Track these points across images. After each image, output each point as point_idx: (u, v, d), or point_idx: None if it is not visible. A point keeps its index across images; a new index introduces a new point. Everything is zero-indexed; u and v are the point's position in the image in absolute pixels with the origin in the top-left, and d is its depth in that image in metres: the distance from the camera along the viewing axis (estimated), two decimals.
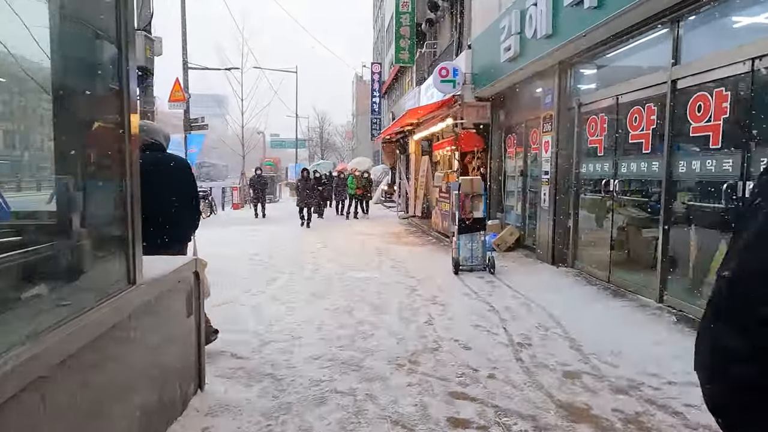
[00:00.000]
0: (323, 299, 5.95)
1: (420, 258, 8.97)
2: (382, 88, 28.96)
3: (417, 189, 16.26)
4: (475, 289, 6.44)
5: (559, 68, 7.49)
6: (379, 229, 13.63)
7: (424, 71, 18.19)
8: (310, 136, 66.46)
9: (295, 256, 9.15)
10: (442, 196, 11.51)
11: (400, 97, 23.93)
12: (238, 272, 7.65)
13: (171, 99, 14.85)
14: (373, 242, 11.00)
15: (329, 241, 11.15)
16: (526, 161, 9.27)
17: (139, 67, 9.97)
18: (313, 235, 12.38)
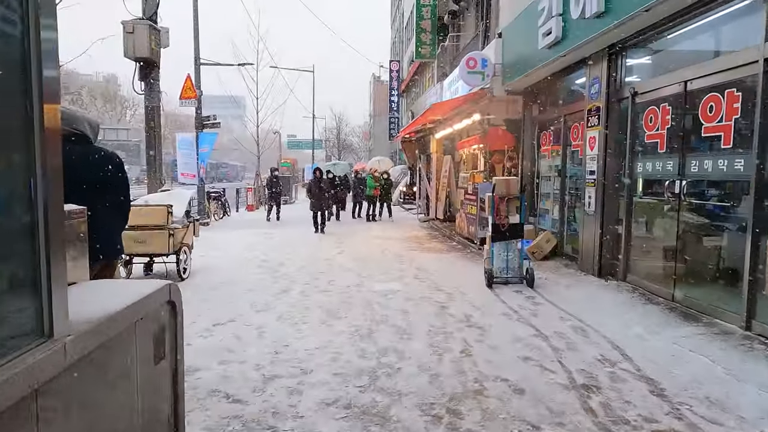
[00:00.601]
0: (339, 318, 5.13)
1: (446, 267, 8.10)
2: (400, 86, 28.12)
3: (438, 190, 15.38)
4: (514, 306, 5.56)
5: (609, 53, 6.57)
6: (399, 233, 12.79)
7: (446, 67, 17.32)
8: (327, 137, 66.00)
9: (308, 263, 8.37)
10: (468, 198, 10.62)
11: (420, 95, 23.08)
12: (245, 282, 6.90)
13: (182, 96, 14.24)
14: (394, 248, 10.16)
15: (346, 247, 10.35)
16: (565, 160, 8.34)
17: (142, 59, 9.32)
18: (328, 239, 11.60)
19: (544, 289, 6.33)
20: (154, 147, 9.58)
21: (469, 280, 7.01)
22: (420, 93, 23.14)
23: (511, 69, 9.25)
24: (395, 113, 28.34)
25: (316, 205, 12.81)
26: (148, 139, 9.65)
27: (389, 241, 11.15)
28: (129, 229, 6.60)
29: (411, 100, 26.16)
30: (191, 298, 6.00)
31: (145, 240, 6.62)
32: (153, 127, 9.59)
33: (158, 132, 9.70)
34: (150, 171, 9.65)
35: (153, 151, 9.58)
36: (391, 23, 64.11)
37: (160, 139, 9.76)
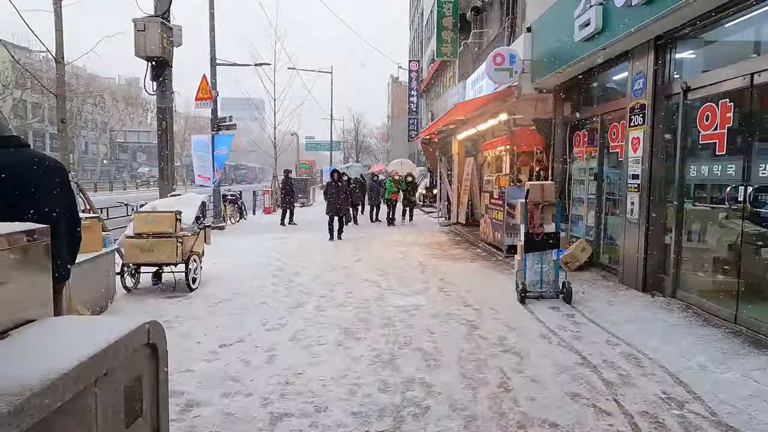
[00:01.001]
0: (358, 340, 4.63)
1: (472, 277, 7.54)
2: (420, 87, 27.58)
3: (460, 194, 14.80)
4: (552, 326, 4.99)
5: (656, 45, 5.94)
6: (420, 239, 12.25)
7: (468, 65, 16.73)
8: (346, 138, 65.80)
9: (325, 272, 7.89)
10: (494, 202, 10.03)
11: (440, 96, 22.50)
12: (258, 294, 6.45)
13: (198, 98, 13.94)
14: (415, 255, 9.63)
15: (365, 253, 9.85)
16: (602, 162, 7.70)
17: (154, 58, 8.98)
18: (346, 245, 11.12)
19: (583, 306, 5.73)
20: (166, 149, 9.23)
21: (498, 293, 6.44)
22: (440, 93, 22.57)
23: (541, 65, 8.65)
24: (414, 114, 27.79)
25: (332, 209, 12.06)
26: (159, 140, 9.29)
27: (410, 248, 10.62)
28: (135, 237, 6.23)
29: (431, 100, 25.60)
30: (199, 313, 5.56)
31: (152, 248, 6.22)
32: (165, 129, 9.23)
33: (170, 134, 9.35)
34: (162, 174, 9.30)
35: (165, 153, 9.23)
36: (409, 24, 63.62)
37: (172, 141, 9.40)
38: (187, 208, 6.88)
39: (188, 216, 6.78)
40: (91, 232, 5.31)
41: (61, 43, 6.14)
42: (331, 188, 11.91)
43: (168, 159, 9.28)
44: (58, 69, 6.27)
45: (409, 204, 15.83)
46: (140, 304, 5.89)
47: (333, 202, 11.85)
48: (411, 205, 15.95)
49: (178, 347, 4.42)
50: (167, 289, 6.66)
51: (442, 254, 9.80)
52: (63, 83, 6.35)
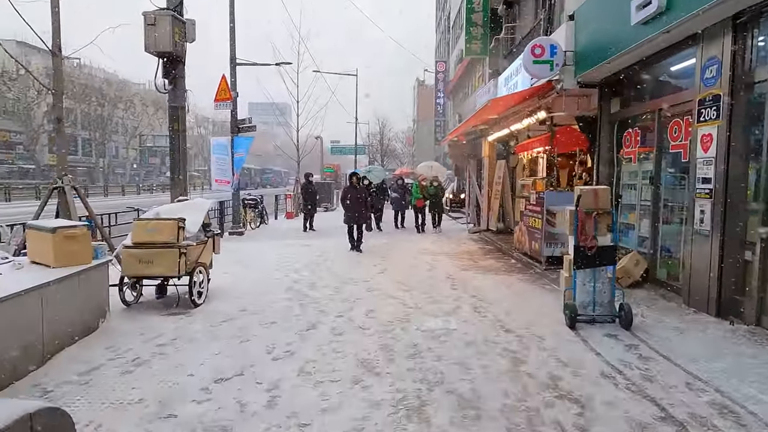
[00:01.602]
0: (379, 376, 3.86)
1: (509, 294, 6.69)
2: (447, 88, 26.72)
3: (491, 199, 13.90)
4: (614, 362, 4.11)
5: (735, 24, 5.01)
6: (448, 247, 11.41)
7: (498, 63, 15.84)
8: (371, 142, 65.18)
9: (344, 286, 7.16)
10: (531, 209, 9.13)
11: (468, 96, 21.63)
12: (268, 311, 5.75)
13: (217, 98, 13.47)
14: (444, 266, 8.81)
15: (388, 264, 9.08)
16: (659, 164, 6.76)
17: (165, 54, 8.45)
18: (368, 254, 10.37)
19: (646, 334, 4.83)
20: (178, 150, 8.68)
21: (541, 315, 5.58)
22: (468, 94, 21.69)
23: (585, 56, 7.74)
24: (441, 116, 26.94)
25: (351, 217, 10.83)
26: (171, 142, 8.74)
27: (437, 258, 9.80)
28: (133, 247, 5.61)
29: (458, 102, 24.74)
30: (199, 334, 4.89)
31: (152, 260, 5.59)
32: (177, 129, 8.68)
33: (183, 135, 8.79)
34: (173, 176, 8.75)
35: (177, 155, 8.68)
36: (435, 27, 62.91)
37: (184, 143, 8.84)
38: (193, 214, 6.25)
39: (194, 223, 6.14)
40: (78, 243, 4.70)
41: (58, 33, 5.60)
42: (350, 194, 10.92)
43: (180, 161, 8.72)
44: (55, 62, 5.75)
45: (436, 211, 14.76)
46: (135, 323, 5.25)
47: (352, 209, 10.80)
48: (439, 212, 14.93)
49: (167, 381, 3.74)
50: (170, 304, 6.03)
51: (473, 266, 8.94)
52: (60, 78, 5.81)
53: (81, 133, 52.74)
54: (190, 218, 6.12)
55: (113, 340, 4.65)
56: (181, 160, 8.74)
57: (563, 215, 8.15)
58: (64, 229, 4.63)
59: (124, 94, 55.56)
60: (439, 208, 14.89)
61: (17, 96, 42.57)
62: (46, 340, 4.07)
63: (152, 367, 4.05)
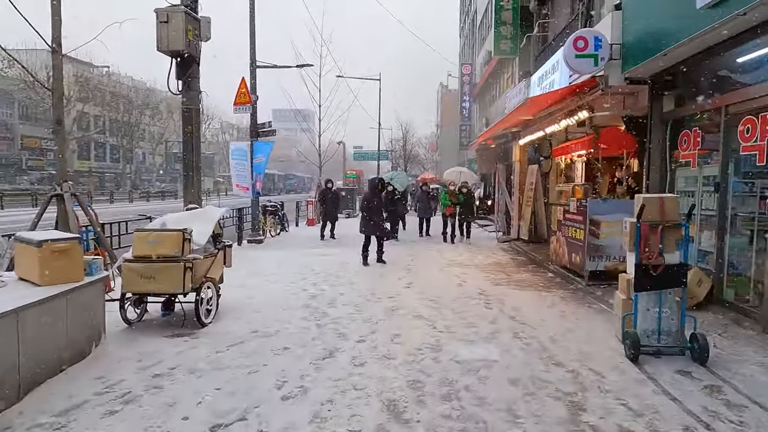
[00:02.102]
0: (408, 425, 3.18)
1: (552, 315, 5.93)
2: (473, 91, 25.95)
3: (522, 206, 13.10)
4: (697, 411, 3.35)
5: None
6: (478, 258, 10.65)
7: (529, 63, 15.05)
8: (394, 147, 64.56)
9: (366, 303, 6.51)
10: (571, 218, 8.34)
11: (496, 100, 20.84)
12: (281, 334, 5.14)
13: (236, 102, 13.05)
14: (475, 280, 8.08)
15: (414, 277, 8.40)
16: (726, 168, 5.92)
17: (176, 53, 7.99)
18: (392, 266, 9.71)
19: (727, 371, 4.03)
20: (191, 153, 8.21)
21: (593, 342, 4.82)
22: (496, 97, 20.89)
23: (636, 49, 6.96)
24: (467, 121, 26.16)
25: (368, 226, 9.73)
26: (184, 146, 8.29)
27: (467, 270, 9.07)
28: (134, 261, 5.08)
29: (485, 105, 23.94)
30: (202, 363, 4.30)
31: (154, 275, 5.05)
32: (191, 132, 8.22)
33: (197, 138, 8.32)
34: (186, 182, 8.28)
35: (190, 158, 8.21)
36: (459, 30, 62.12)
37: (198, 147, 8.37)
38: (202, 224, 5.70)
39: (202, 233, 5.58)
40: (68, 258, 4.17)
41: (59, 28, 5.15)
42: (371, 201, 9.84)
43: (193, 166, 8.25)
44: (54, 59, 5.29)
45: (466, 219, 13.59)
46: (133, 347, 4.70)
47: (371, 218, 9.76)
48: (468, 221, 13.75)
49: (155, 427, 3.14)
50: (176, 323, 5.48)
51: (507, 280, 8.19)
52: (60, 77, 5.35)
53: (109, 139, 53.67)
54: (198, 228, 5.57)
55: (105, 369, 4.10)
56: (195, 164, 8.27)
57: (609, 226, 7.36)
58: (52, 242, 4.10)
59: (150, 101, 56.37)
60: (469, 217, 13.84)
61: (48, 103, 43.48)
62: (23, 373, 3.52)
63: (142, 405, 3.46)
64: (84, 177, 48.65)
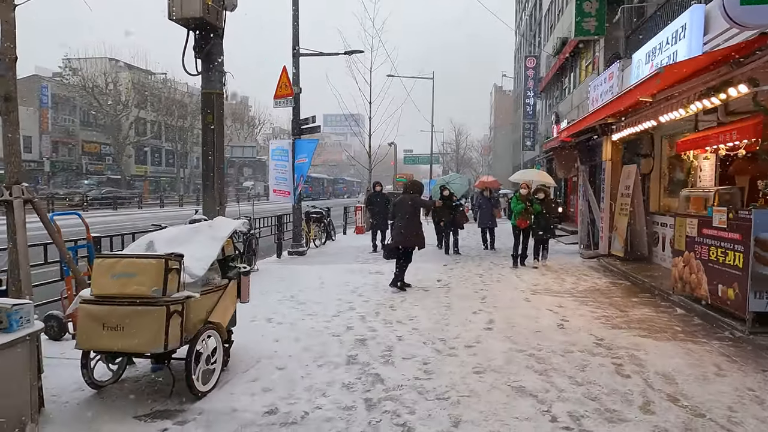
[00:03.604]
0: None
1: (732, 393, 3.76)
2: (539, 85, 23.46)
3: (615, 214, 10.74)
4: None
5: None
6: (567, 282, 8.45)
7: (619, 45, 12.65)
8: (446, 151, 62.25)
9: (436, 356, 4.57)
10: (715, 234, 6.04)
11: (570, 92, 18.36)
12: (308, 422, 3.28)
13: (277, 95, 11.51)
14: (579, 319, 5.95)
15: (494, 311, 6.36)
16: None
17: (193, 22, 6.40)
18: (461, 291, 7.72)
19: None
20: (212, 151, 6.60)
21: None
22: (570, 89, 18.42)
23: None
24: (530, 118, 23.71)
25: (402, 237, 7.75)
26: (204, 138, 6.69)
27: (562, 301, 6.93)
28: (94, 303, 3.39)
29: (554, 100, 21.44)
30: None
31: (121, 324, 3.33)
32: (211, 122, 6.61)
33: (219, 130, 6.71)
34: (206, 184, 6.68)
35: (211, 155, 6.60)
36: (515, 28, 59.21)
37: (221, 140, 6.76)
38: (203, 245, 3.96)
39: (203, 259, 3.84)
40: None
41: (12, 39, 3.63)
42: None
43: (214, 165, 6.63)
44: None
45: (544, 234, 10.25)
46: None
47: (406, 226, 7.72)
48: (547, 236, 10.43)
49: None
50: (164, 389, 3.76)
51: (625, 319, 5.99)
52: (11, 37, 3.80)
53: (165, 144, 54.62)
54: (197, 252, 3.84)
55: None
56: (216, 162, 6.64)
57: None
58: None
59: None
60: (548, 233, 10.48)
61: (107, 109, 44.47)
62: None
63: None
64: (139, 181, 49.56)
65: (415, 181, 9.00)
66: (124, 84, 46.46)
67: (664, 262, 9.47)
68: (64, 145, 46.18)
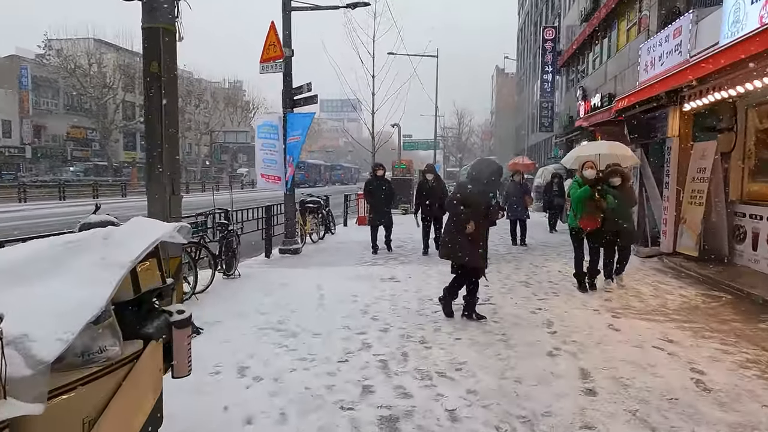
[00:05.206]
0: None
1: None
2: (558, 59, 21.23)
3: (685, 203, 8.70)
4: None
5: None
6: (646, 296, 6.42)
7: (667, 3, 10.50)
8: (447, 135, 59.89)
9: None
10: None
11: (603, 63, 16.19)
12: None
13: (263, 58, 9.36)
14: (716, 369, 3.93)
15: (575, 347, 4.34)
16: None
17: None
18: (510, 311, 5.69)
19: None
20: (160, 114, 4.53)
21: None
22: (600, 60, 16.24)
23: None
24: (548, 96, 21.54)
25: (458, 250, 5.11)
26: (147, 99, 4.59)
27: (663, 329, 4.90)
28: None
29: (577, 75, 19.26)
30: None
31: None
32: (158, 75, 4.52)
33: (170, 85, 4.63)
34: (151, 163, 4.61)
35: (159, 130, 4.54)
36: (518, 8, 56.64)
37: (174, 100, 4.68)
38: (79, 280, 1.88)
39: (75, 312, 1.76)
40: None
41: None
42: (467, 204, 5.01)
43: (162, 135, 4.55)
44: None
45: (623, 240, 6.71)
46: None
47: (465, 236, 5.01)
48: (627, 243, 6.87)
49: None
50: None
51: (758, 362, 3.98)
52: None
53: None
54: (63, 299, 1.76)
55: None
56: (164, 133, 4.56)
57: None
58: None
59: (194, 89, 54.51)
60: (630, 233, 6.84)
61: (91, 92, 41.94)
62: None
63: None
64: (126, 168, 47.11)
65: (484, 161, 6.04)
66: (110, 65, 43.91)
67: (756, 264, 7.48)
68: (47, 130, 43.72)
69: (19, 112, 40.46)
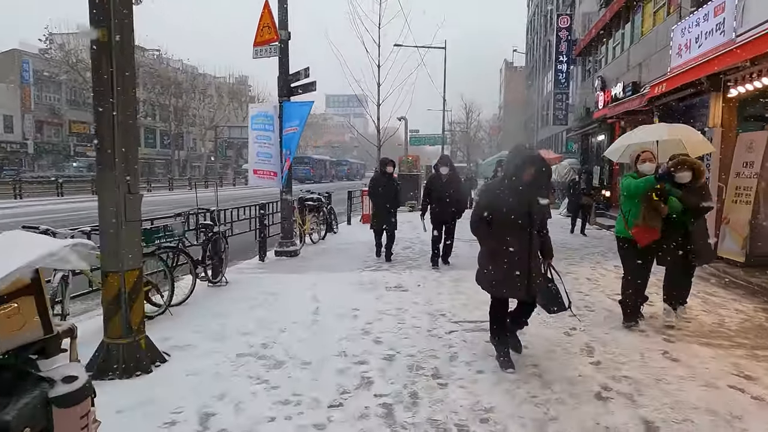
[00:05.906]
0: None
1: None
2: (574, 48, 20.18)
3: (728, 201, 7.75)
4: None
5: None
6: (696, 311, 5.47)
7: None
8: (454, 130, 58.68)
9: None
10: None
11: (626, 50, 15.17)
12: None
13: (257, 41, 8.51)
14: None
15: (627, 386, 3.45)
16: None
17: None
18: (537, 332, 4.71)
19: None
20: (112, 95, 3.66)
21: None
22: (622, 47, 15.21)
23: None
24: (563, 87, 20.50)
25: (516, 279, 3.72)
26: (96, 77, 3.73)
27: (731, 357, 3.99)
28: None
29: (595, 65, 18.23)
30: None
31: None
32: (106, 43, 3.66)
33: (125, 57, 3.76)
34: (101, 156, 3.77)
35: (109, 113, 3.67)
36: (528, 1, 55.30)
37: (132, 78, 3.82)
38: None
39: None
40: None
41: None
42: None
43: (115, 123, 3.69)
44: None
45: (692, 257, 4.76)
46: None
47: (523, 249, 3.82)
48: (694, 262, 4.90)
49: None
50: None
51: None
52: None
53: (159, 125, 51.50)
54: None
55: None
56: (116, 121, 3.70)
57: None
58: None
59: (198, 84, 53.81)
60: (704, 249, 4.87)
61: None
62: None
63: None
64: None
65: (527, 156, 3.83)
66: None
67: None
68: (50, 125, 43.17)
69: (21, 106, 39.91)
